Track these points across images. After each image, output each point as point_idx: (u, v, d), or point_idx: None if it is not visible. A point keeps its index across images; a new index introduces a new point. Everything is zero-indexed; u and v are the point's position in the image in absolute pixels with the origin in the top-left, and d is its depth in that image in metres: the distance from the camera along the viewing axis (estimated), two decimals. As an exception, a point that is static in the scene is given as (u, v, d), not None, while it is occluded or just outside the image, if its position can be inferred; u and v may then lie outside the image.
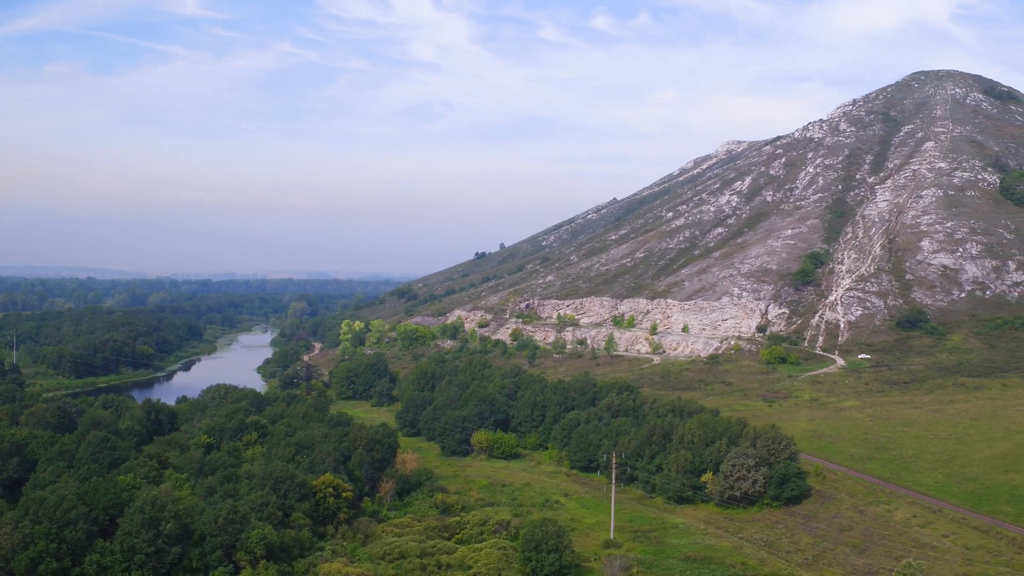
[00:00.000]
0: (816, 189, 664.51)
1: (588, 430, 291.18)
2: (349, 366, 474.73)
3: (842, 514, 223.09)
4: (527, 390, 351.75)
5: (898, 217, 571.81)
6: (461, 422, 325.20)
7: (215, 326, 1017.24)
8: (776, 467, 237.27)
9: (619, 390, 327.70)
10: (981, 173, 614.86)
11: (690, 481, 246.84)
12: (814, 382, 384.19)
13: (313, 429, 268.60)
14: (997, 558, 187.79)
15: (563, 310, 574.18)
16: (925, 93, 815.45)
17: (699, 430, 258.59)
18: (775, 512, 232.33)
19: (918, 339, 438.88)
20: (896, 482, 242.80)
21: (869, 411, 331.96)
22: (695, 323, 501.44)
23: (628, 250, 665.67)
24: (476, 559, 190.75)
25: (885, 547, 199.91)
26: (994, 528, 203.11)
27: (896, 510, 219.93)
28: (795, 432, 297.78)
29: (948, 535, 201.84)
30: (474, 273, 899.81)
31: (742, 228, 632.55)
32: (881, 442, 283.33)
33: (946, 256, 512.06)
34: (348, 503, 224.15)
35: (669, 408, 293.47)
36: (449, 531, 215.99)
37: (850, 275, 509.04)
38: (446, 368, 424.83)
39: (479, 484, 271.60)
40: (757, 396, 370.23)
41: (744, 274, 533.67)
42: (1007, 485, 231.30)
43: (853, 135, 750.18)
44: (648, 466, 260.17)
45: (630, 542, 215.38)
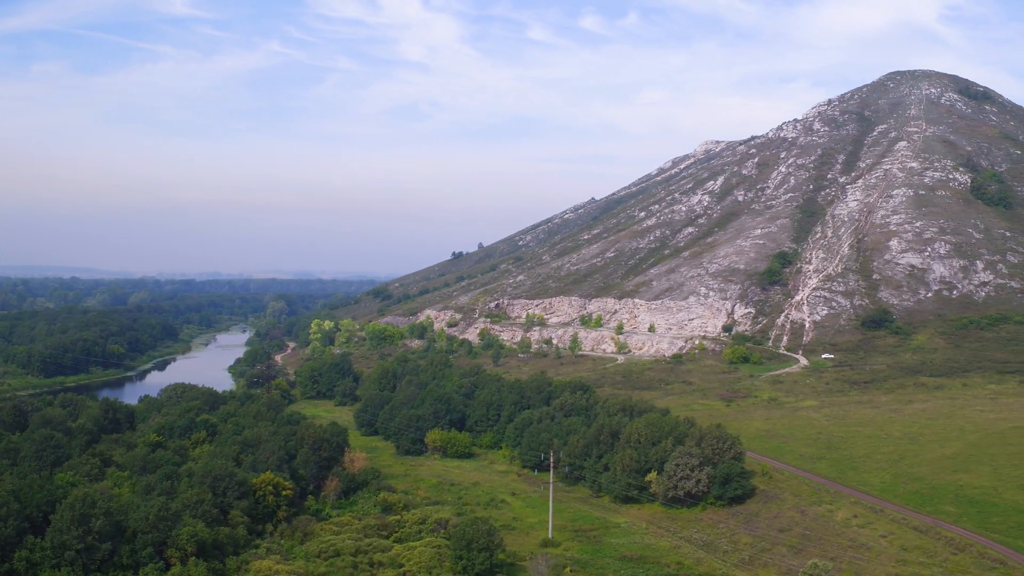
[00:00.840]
0: (787, 189, 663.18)
1: (539, 429, 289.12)
2: (313, 365, 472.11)
3: (783, 514, 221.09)
4: (484, 390, 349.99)
5: (868, 217, 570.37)
6: (415, 421, 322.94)
7: (192, 326, 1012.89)
8: (720, 467, 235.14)
9: (573, 389, 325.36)
10: (952, 173, 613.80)
11: (635, 481, 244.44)
12: (775, 382, 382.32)
13: (260, 428, 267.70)
14: (932, 558, 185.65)
15: (532, 310, 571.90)
16: (900, 93, 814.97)
17: (645, 430, 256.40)
18: (718, 512, 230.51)
19: (883, 339, 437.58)
20: (842, 482, 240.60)
21: (826, 411, 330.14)
22: (661, 323, 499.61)
23: (599, 250, 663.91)
24: (409, 557, 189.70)
25: (822, 547, 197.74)
26: (934, 528, 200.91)
27: (838, 510, 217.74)
28: (749, 432, 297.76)
29: (886, 535, 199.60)
30: (450, 273, 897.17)
31: (712, 228, 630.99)
32: (833, 442, 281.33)
33: (914, 256, 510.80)
34: (289, 501, 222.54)
35: (619, 407, 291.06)
36: (388, 530, 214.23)
37: (817, 275, 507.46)
38: (407, 368, 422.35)
39: (428, 483, 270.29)
40: (716, 396, 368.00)
41: (712, 274, 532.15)
42: (953, 485, 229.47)
43: (827, 135, 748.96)
44: (595, 465, 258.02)
45: (569, 541, 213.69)
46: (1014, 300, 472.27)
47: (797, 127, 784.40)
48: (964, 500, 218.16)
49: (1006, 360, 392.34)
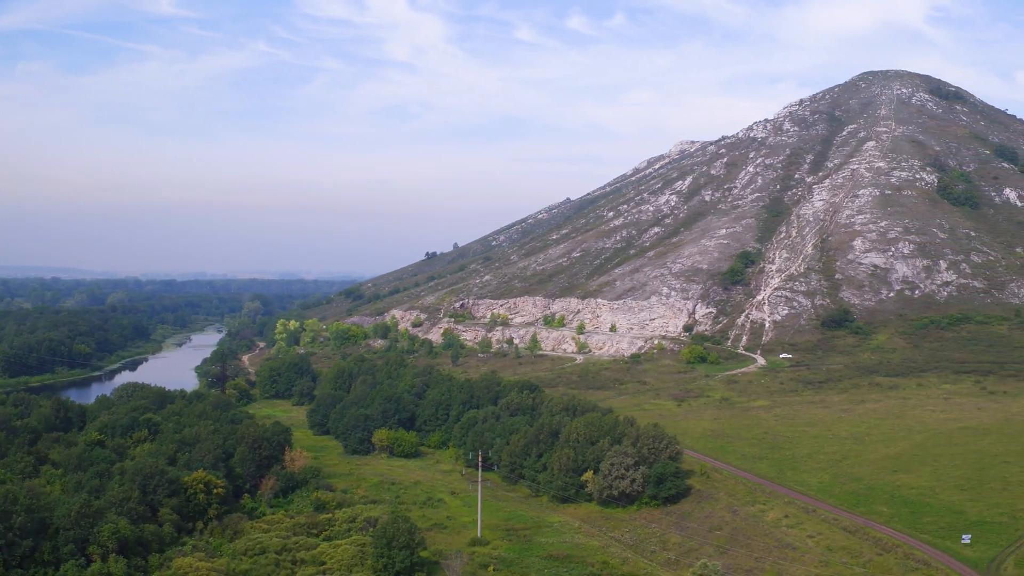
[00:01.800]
0: (754, 189, 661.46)
1: (483, 429, 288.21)
2: (272, 365, 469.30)
3: (715, 514, 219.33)
4: (434, 389, 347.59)
5: (833, 216, 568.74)
6: (363, 421, 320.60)
7: (167, 326, 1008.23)
8: (655, 466, 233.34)
9: (520, 389, 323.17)
10: (919, 173, 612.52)
11: (572, 480, 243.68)
12: (729, 382, 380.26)
13: (199, 427, 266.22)
14: (856, 559, 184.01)
15: (497, 309, 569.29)
16: (872, 93, 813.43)
17: (584, 429, 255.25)
18: (652, 511, 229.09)
19: (842, 339, 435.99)
20: (780, 482, 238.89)
21: (776, 411, 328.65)
22: (623, 322, 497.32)
23: (565, 250, 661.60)
24: (332, 555, 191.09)
25: (748, 547, 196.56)
26: (864, 529, 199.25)
27: (770, 510, 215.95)
28: (696, 431, 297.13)
29: (814, 535, 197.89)
30: (422, 273, 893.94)
31: (679, 228, 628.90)
32: (779, 442, 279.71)
33: (877, 255, 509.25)
34: (220, 499, 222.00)
35: (563, 407, 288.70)
36: (318, 528, 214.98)
37: (780, 274, 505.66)
38: (364, 367, 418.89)
39: (369, 482, 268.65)
40: (669, 395, 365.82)
41: (675, 274, 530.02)
42: (891, 485, 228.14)
43: (796, 135, 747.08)
44: (534, 465, 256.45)
45: (500, 540, 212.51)
46: (976, 300, 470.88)
47: (767, 127, 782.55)
48: (899, 500, 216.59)
49: (964, 360, 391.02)
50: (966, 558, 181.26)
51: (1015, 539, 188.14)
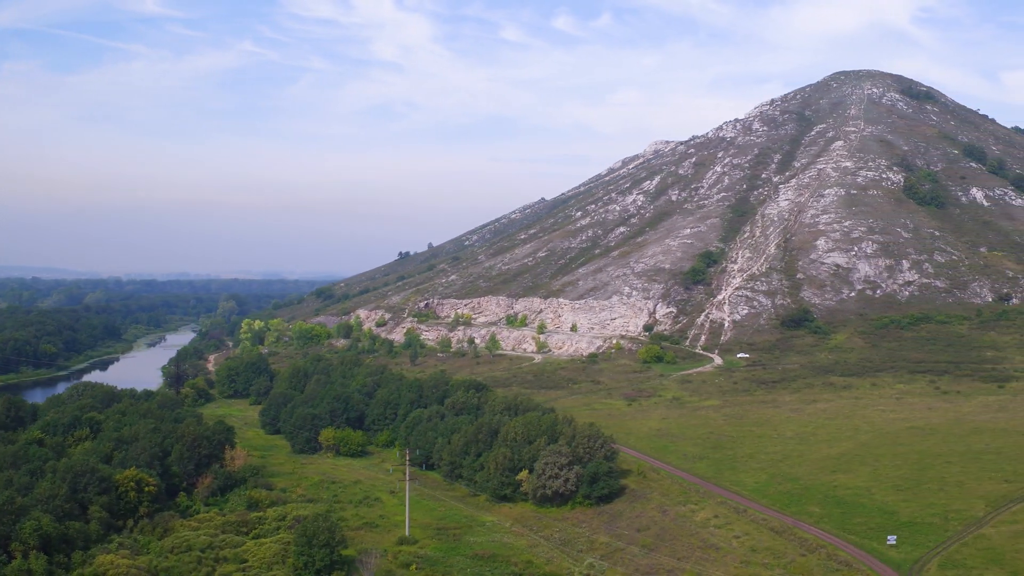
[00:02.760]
0: (721, 188, 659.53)
1: (427, 428, 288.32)
2: (230, 364, 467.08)
3: (645, 514, 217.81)
4: (384, 388, 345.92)
5: (797, 216, 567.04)
6: (311, 420, 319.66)
7: (140, 326, 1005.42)
8: (589, 466, 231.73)
9: (466, 388, 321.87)
10: (886, 172, 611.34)
11: (507, 479, 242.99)
12: (683, 381, 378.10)
13: (139, 425, 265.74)
14: (779, 559, 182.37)
15: (461, 309, 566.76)
16: (842, 93, 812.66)
17: (522, 428, 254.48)
18: (585, 511, 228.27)
19: (801, 338, 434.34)
20: (717, 482, 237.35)
21: (726, 410, 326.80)
22: (584, 322, 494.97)
23: (531, 249, 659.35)
24: (255, 553, 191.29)
25: (672, 547, 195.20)
26: (792, 529, 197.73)
27: (701, 510, 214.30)
28: (643, 431, 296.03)
29: (740, 536, 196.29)
30: (394, 273, 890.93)
31: (644, 227, 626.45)
32: (723, 442, 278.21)
33: (840, 255, 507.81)
34: (152, 497, 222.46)
35: (504, 406, 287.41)
36: (248, 526, 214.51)
37: (742, 274, 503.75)
38: (319, 367, 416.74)
39: (310, 481, 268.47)
40: (621, 395, 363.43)
41: (637, 273, 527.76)
42: (827, 486, 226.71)
43: (765, 134, 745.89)
44: (473, 464, 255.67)
45: (429, 539, 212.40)
46: (937, 299, 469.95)
47: (737, 127, 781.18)
48: (833, 501, 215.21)
49: (920, 360, 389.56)
50: (890, 559, 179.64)
51: (943, 540, 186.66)
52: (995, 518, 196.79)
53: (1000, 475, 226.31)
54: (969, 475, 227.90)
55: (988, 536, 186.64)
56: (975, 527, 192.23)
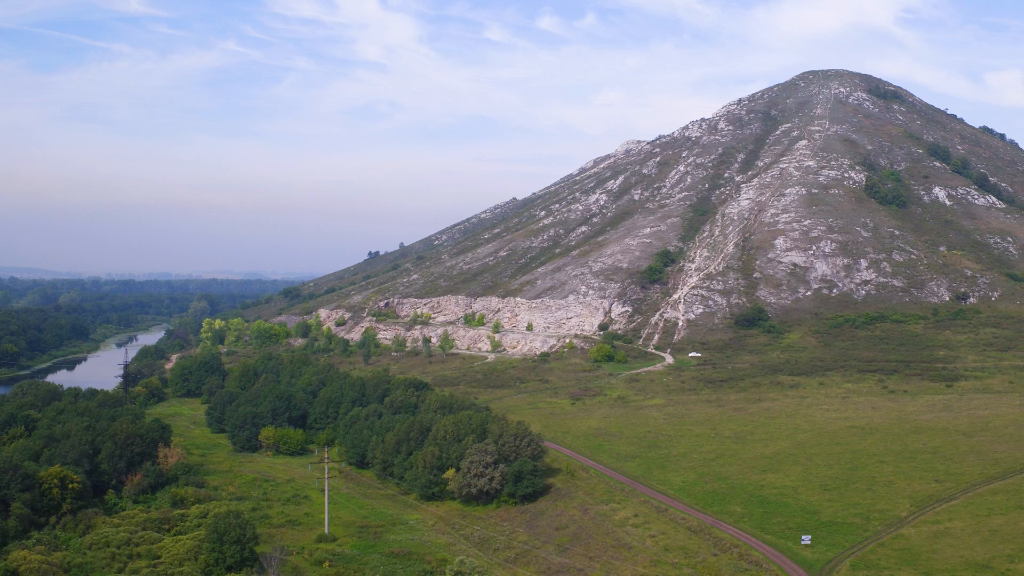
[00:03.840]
0: (683, 188, 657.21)
1: (363, 426, 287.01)
2: (184, 363, 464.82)
3: (566, 512, 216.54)
4: (328, 387, 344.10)
5: (757, 215, 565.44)
6: (252, 418, 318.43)
7: (110, 325, 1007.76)
8: (513, 464, 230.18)
9: (406, 387, 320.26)
10: (848, 172, 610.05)
11: (435, 477, 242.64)
12: (631, 380, 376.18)
13: (71, 423, 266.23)
14: (690, 559, 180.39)
15: (421, 308, 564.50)
16: (809, 92, 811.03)
17: (452, 427, 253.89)
18: (509, 509, 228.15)
19: (755, 337, 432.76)
20: (644, 481, 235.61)
21: (669, 409, 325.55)
22: (540, 321, 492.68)
23: (493, 249, 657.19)
24: (170, 549, 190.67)
25: (587, 546, 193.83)
26: (710, 529, 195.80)
27: (622, 509, 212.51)
28: (582, 429, 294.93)
29: (656, 535, 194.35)
30: (362, 273, 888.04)
31: (605, 227, 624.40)
32: (659, 440, 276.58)
33: (798, 254, 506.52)
34: (77, 495, 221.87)
35: (439, 405, 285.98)
36: (170, 523, 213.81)
37: (698, 273, 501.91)
38: (269, 366, 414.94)
39: (245, 479, 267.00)
40: (567, 394, 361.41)
41: (595, 272, 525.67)
42: (754, 485, 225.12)
43: (730, 134, 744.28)
44: (404, 462, 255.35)
45: (350, 537, 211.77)
46: (894, 299, 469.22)
47: (703, 126, 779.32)
48: (756, 500, 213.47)
49: (871, 359, 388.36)
50: (803, 559, 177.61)
51: (860, 540, 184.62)
52: (918, 518, 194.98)
53: (931, 475, 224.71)
54: (900, 475, 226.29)
55: (907, 536, 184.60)
56: (896, 527, 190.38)
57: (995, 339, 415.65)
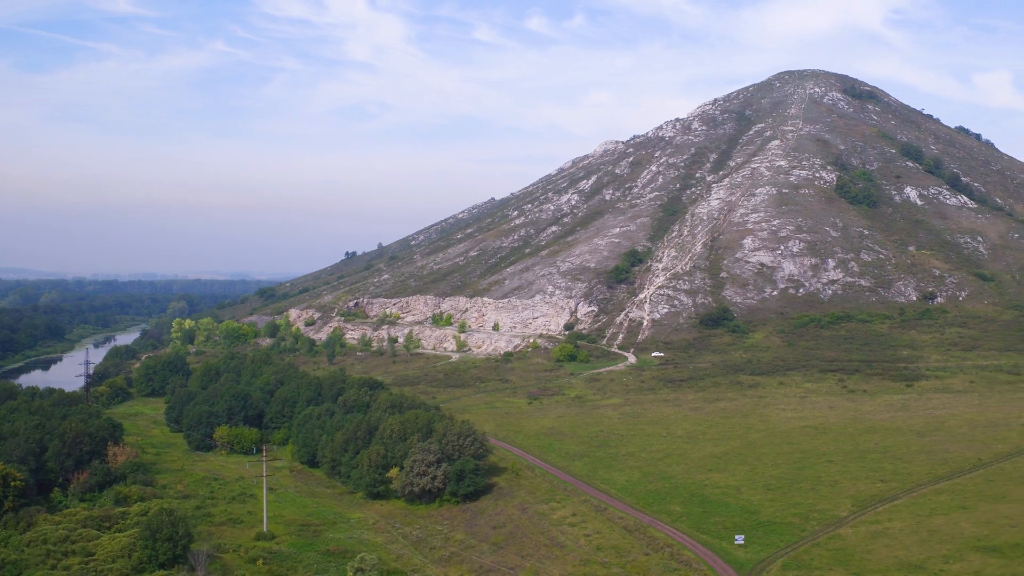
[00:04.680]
0: (654, 188, 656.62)
1: (315, 425, 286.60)
2: (149, 363, 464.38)
3: (505, 511, 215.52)
4: (285, 386, 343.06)
5: (727, 215, 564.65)
6: (207, 417, 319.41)
7: (87, 325, 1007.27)
8: (455, 463, 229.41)
9: (359, 386, 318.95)
10: (820, 171, 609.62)
11: (379, 476, 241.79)
12: (591, 380, 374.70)
13: (19, 422, 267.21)
14: (621, 558, 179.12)
15: (390, 308, 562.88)
16: (784, 92, 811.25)
17: (398, 426, 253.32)
18: (451, 508, 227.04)
19: (719, 337, 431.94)
20: (589, 480, 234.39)
21: (625, 408, 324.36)
22: (507, 321, 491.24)
23: (464, 249, 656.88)
24: (105, 546, 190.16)
25: (520, 545, 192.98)
26: (646, 528, 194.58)
27: (561, 508, 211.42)
28: (535, 429, 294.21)
29: (591, 534, 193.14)
30: (338, 273, 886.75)
31: (576, 227, 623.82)
32: (610, 440, 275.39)
33: (766, 254, 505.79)
34: (19, 492, 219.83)
35: (389, 404, 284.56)
36: (111, 521, 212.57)
37: (665, 273, 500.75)
38: (231, 365, 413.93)
39: (194, 477, 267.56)
40: (525, 393, 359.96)
41: (562, 272, 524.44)
42: (698, 484, 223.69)
43: (704, 134, 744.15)
44: (351, 461, 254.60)
45: (290, 535, 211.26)
46: (860, 298, 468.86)
47: (677, 126, 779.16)
48: (698, 500, 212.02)
49: (834, 359, 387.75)
50: (735, 559, 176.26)
51: (796, 540, 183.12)
52: (858, 518, 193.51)
53: (878, 475, 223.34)
54: (847, 474, 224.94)
55: (844, 536, 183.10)
56: (834, 527, 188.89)
57: (960, 339, 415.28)
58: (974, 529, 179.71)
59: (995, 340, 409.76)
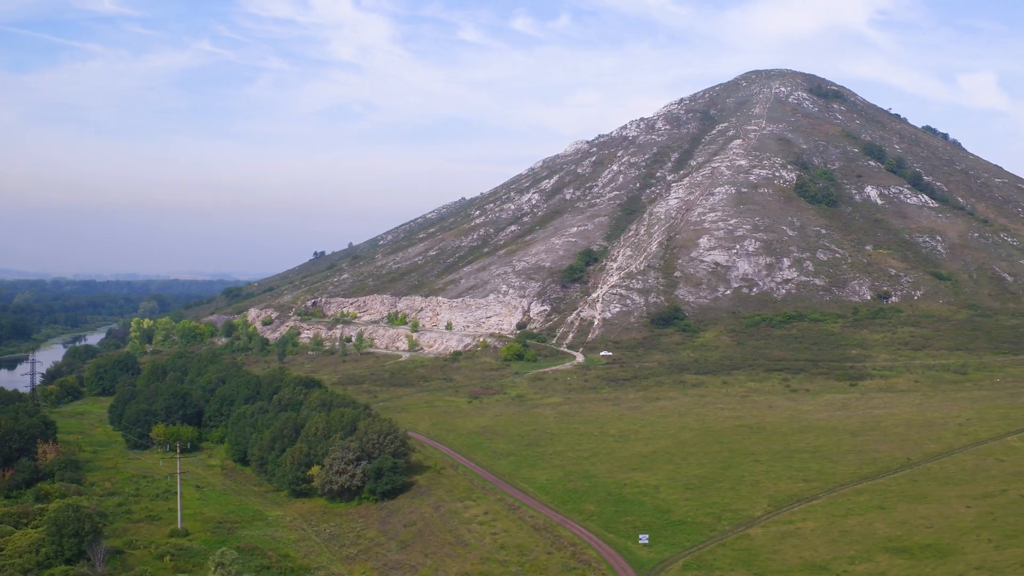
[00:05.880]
0: (615, 187, 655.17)
1: (245, 423, 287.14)
2: (99, 362, 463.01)
3: (419, 510, 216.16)
4: (226, 385, 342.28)
5: (685, 215, 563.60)
6: (145, 416, 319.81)
7: (56, 325, 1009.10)
8: (374, 461, 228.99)
9: (294, 385, 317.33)
10: (780, 171, 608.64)
11: (302, 474, 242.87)
12: (536, 379, 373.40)
13: None
14: (522, 557, 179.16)
15: (347, 308, 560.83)
16: (750, 92, 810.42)
17: (323, 424, 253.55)
18: (370, 506, 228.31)
19: (669, 336, 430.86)
20: (510, 479, 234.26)
21: (564, 407, 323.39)
22: (460, 320, 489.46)
23: (424, 248, 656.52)
24: (15, 542, 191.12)
25: (426, 543, 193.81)
26: (555, 527, 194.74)
27: (475, 506, 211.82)
28: (469, 428, 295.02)
29: (498, 532, 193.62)
30: (304, 273, 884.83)
31: (535, 226, 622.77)
32: (540, 439, 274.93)
33: (721, 253, 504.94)
34: None
35: (320, 402, 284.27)
36: (29, 517, 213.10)
37: (620, 272, 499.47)
38: (178, 364, 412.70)
39: (124, 475, 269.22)
40: (467, 392, 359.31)
41: (517, 271, 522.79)
42: (617, 484, 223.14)
43: (667, 133, 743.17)
44: (277, 459, 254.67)
45: (205, 532, 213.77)
46: (814, 298, 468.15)
47: (641, 125, 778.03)
48: (613, 499, 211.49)
49: (781, 358, 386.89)
50: (638, 559, 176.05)
51: (703, 540, 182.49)
52: (772, 518, 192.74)
53: (802, 475, 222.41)
54: (771, 474, 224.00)
55: (753, 536, 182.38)
56: (745, 527, 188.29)
57: (911, 338, 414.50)
58: (888, 530, 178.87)
59: (946, 339, 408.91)
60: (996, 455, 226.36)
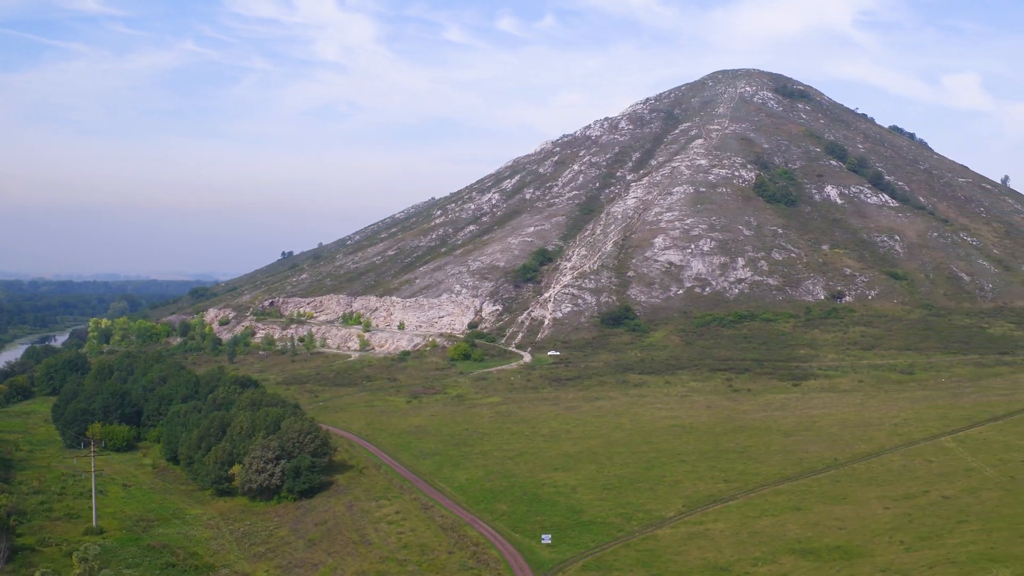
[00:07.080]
0: (574, 187, 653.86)
1: (179, 422, 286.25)
2: (50, 362, 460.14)
3: (333, 509, 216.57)
4: (167, 384, 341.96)
5: (641, 214, 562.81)
6: (82, 415, 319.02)
7: (24, 326, 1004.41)
8: (293, 461, 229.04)
9: (229, 384, 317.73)
10: (739, 170, 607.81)
11: (224, 473, 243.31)
12: (479, 379, 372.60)
13: None
14: (423, 556, 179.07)
15: (304, 307, 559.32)
16: (715, 91, 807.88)
17: (248, 423, 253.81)
18: (288, 505, 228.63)
19: (619, 336, 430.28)
20: (429, 479, 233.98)
21: (502, 407, 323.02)
22: (412, 320, 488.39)
23: (383, 248, 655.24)
24: None
25: (332, 542, 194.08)
26: (462, 526, 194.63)
27: (389, 506, 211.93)
28: (398, 427, 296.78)
29: (405, 532, 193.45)
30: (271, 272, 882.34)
31: (493, 226, 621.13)
32: (469, 439, 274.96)
33: (675, 253, 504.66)
34: None
35: (250, 401, 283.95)
36: None
37: (573, 272, 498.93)
38: (124, 363, 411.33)
39: (54, 474, 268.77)
40: (408, 392, 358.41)
41: (472, 271, 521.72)
42: (534, 484, 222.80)
43: (630, 133, 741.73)
44: (203, 458, 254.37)
45: (121, 530, 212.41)
46: (767, 297, 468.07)
47: (605, 125, 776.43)
48: (527, 499, 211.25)
49: (727, 358, 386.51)
50: (539, 559, 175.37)
51: (608, 541, 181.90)
52: (683, 519, 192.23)
53: (724, 475, 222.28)
54: (693, 474, 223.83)
55: (659, 537, 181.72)
56: (654, 527, 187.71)
57: (862, 338, 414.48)
58: (799, 531, 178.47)
59: (897, 339, 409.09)
60: (926, 456, 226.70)
